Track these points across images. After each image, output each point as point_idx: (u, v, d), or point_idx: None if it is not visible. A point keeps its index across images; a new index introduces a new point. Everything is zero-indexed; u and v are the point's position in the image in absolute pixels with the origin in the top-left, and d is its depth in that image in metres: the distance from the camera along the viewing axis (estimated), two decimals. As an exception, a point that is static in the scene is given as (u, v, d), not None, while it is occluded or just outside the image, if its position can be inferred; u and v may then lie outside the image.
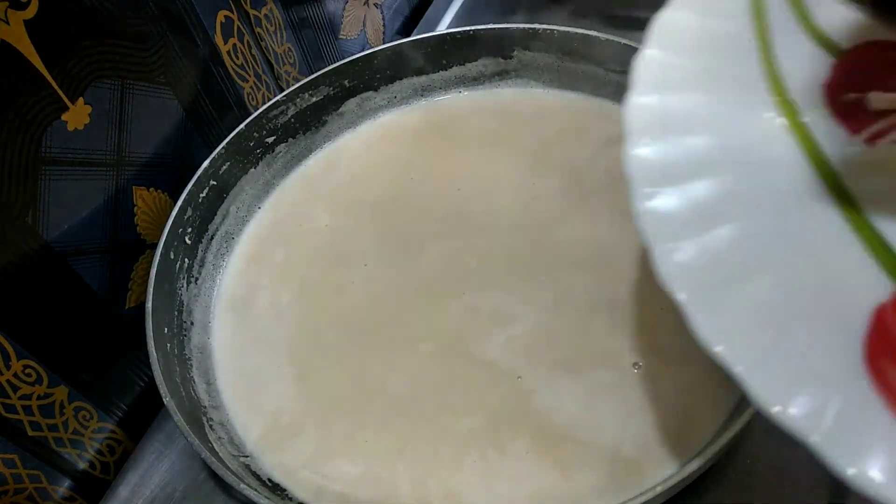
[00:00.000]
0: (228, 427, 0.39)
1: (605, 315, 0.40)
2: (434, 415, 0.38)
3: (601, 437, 0.36)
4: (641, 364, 0.38)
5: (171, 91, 0.47)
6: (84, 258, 0.42)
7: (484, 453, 0.36)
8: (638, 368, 0.38)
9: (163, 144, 0.47)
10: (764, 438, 0.37)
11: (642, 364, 0.38)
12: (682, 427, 0.36)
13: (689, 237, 0.24)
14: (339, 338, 0.42)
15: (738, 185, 0.25)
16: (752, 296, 0.23)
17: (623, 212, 0.43)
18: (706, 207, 0.24)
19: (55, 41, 0.38)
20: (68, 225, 0.41)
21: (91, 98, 0.41)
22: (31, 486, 0.41)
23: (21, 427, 0.39)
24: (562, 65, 0.49)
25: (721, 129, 0.26)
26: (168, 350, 0.40)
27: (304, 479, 0.37)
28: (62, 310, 0.41)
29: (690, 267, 0.23)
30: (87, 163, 0.42)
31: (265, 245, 0.47)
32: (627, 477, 0.34)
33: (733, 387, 0.35)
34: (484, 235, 0.44)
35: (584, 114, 0.49)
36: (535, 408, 0.37)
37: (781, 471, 0.36)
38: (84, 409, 0.43)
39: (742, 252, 0.24)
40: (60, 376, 0.41)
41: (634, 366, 0.38)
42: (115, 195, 0.44)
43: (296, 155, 0.50)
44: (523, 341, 0.39)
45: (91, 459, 0.44)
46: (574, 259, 0.42)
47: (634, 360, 0.38)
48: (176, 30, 0.47)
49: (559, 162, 0.47)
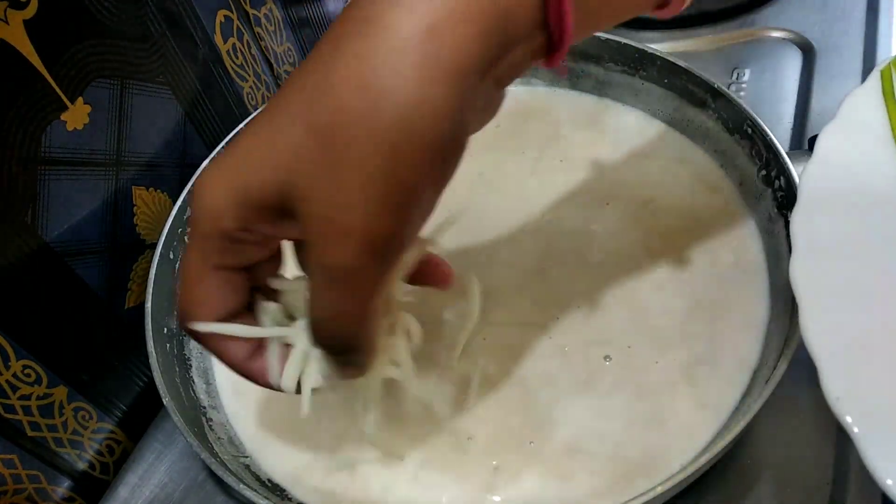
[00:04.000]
0: (228, 427, 0.40)
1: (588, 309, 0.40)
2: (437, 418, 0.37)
3: (602, 441, 0.36)
4: (612, 357, 0.38)
5: (171, 91, 0.47)
6: (83, 258, 0.42)
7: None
8: (609, 361, 0.38)
9: (162, 144, 0.47)
10: (764, 440, 0.37)
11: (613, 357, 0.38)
12: (681, 430, 0.36)
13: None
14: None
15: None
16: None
17: (625, 212, 0.44)
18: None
19: (54, 41, 0.38)
20: (68, 225, 0.41)
21: (90, 98, 0.41)
22: (30, 486, 0.41)
23: (20, 427, 0.39)
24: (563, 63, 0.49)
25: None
26: (167, 350, 0.40)
27: (304, 480, 0.37)
28: (61, 310, 0.41)
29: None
30: (87, 163, 0.42)
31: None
32: (627, 478, 0.35)
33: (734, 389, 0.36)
34: (490, 234, 0.44)
35: (587, 113, 0.49)
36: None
37: (781, 473, 0.36)
38: (83, 410, 0.43)
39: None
40: (60, 376, 0.41)
41: (606, 358, 0.38)
42: (115, 195, 0.44)
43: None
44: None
45: (90, 460, 0.44)
46: (577, 259, 0.42)
47: (606, 353, 0.38)
48: (175, 29, 0.47)
49: (562, 162, 0.47)
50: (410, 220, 0.23)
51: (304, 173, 0.23)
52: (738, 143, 0.42)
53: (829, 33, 0.56)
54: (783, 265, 0.38)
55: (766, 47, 0.57)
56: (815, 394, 0.38)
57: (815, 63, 0.54)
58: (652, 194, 0.44)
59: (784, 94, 0.53)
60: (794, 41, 0.56)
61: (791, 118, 0.52)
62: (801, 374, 0.38)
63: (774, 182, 0.40)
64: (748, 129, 0.41)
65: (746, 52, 0.57)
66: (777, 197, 0.40)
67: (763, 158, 0.40)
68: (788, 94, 0.53)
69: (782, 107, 0.52)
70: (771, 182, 0.40)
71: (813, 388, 0.38)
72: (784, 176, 0.39)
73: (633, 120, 0.48)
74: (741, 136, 0.42)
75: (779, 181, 0.39)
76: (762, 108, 0.51)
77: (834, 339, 0.27)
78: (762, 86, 0.54)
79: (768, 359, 0.36)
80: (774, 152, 0.39)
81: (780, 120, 0.52)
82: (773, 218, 0.40)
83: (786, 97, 0.53)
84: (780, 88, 0.54)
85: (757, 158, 0.41)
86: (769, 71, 0.55)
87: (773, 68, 0.55)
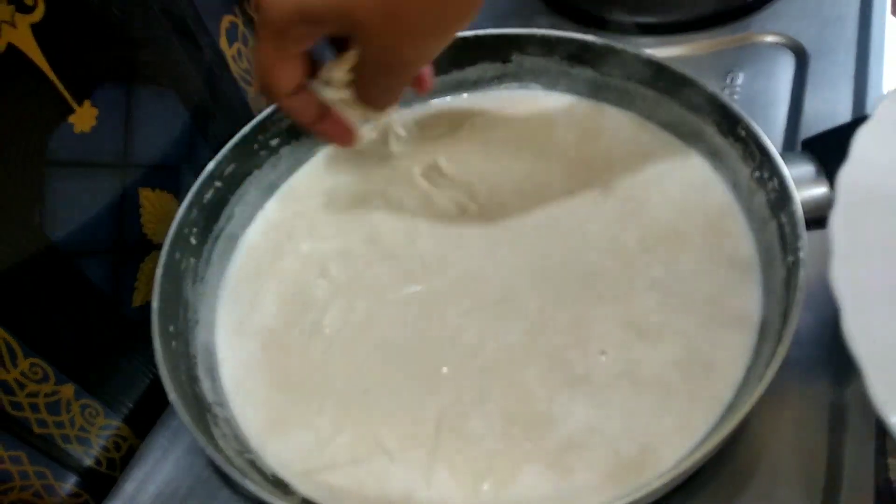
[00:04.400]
0: (233, 424, 0.40)
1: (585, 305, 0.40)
2: (438, 416, 0.38)
3: (599, 436, 0.36)
4: (608, 352, 0.38)
5: (177, 94, 0.47)
6: (90, 258, 0.43)
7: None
8: (605, 356, 0.38)
9: (168, 147, 0.47)
10: (758, 437, 0.38)
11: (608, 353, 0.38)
12: (676, 426, 0.36)
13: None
14: (343, 336, 0.42)
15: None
16: None
17: (630, 212, 0.44)
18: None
19: (61, 44, 0.38)
20: (75, 226, 0.41)
21: (97, 101, 0.41)
22: (37, 482, 0.41)
23: (28, 424, 0.40)
24: (559, 69, 0.49)
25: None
26: (173, 348, 0.40)
27: (309, 475, 0.37)
28: (69, 309, 0.42)
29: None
30: (94, 164, 0.42)
31: (269, 246, 0.47)
32: (623, 474, 0.35)
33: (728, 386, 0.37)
34: (484, 233, 0.45)
35: (583, 118, 0.49)
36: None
37: (775, 469, 0.37)
38: (90, 407, 0.44)
39: None
40: (67, 374, 0.42)
41: (602, 353, 0.38)
42: (121, 196, 0.44)
43: (300, 156, 0.51)
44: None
45: (97, 456, 0.45)
46: (572, 257, 0.43)
47: (601, 349, 0.39)
48: (181, 34, 0.47)
49: (560, 165, 0.47)
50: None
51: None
52: (732, 145, 0.43)
53: (823, 38, 0.56)
54: (776, 265, 0.39)
55: (759, 52, 0.57)
56: (809, 390, 0.38)
57: (808, 67, 0.54)
58: (646, 195, 0.45)
59: (777, 97, 0.53)
60: (788, 45, 0.57)
61: (784, 121, 0.52)
62: (795, 371, 0.39)
63: (767, 183, 0.40)
64: (742, 131, 0.41)
65: (740, 56, 0.57)
66: (770, 198, 0.40)
67: (756, 160, 0.41)
68: (782, 97, 0.53)
69: (775, 110, 0.53)
70: (764, 183, 0.40)
71: (806, 385, 0.39)
72: (777, 177, 0.39)
73: (627, 123, 0.48)
74: (735, 139, 0.42)
75: (772, 182, 0.39)
76: (756, 112, 0.51)
77: (877, 343, 0.26)
78: (756, 89, 0.54)
79: (762, 356, 0.36)
80: (768, 154, 0.39)
81: (774, 123, 0.52)
82: (765, 219, 0.40)
83: (779, 101, 0.53)
84: (774, 92, 0.54)
85: (750, 160, 0.41)
86: (763, 75, 0.55)
87: (766, 72, 0.55)
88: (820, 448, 0.37)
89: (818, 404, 0.38)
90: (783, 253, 0.38)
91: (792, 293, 0.35)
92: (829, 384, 0.39)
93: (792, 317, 0.34)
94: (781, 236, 0.38)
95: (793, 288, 0.35)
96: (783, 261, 0.38)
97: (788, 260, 0.37)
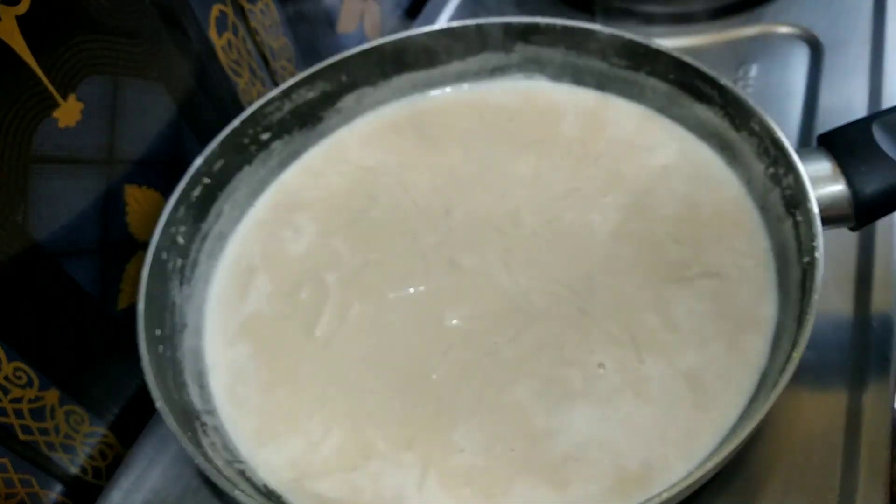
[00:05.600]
0: (222, 432, 0.39)
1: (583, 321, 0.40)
2: (436, 427, 0.37)
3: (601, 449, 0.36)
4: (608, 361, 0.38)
5: (165, 87, 0.47)
6: (75, 258, 0.42)
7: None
8: (604, 368, 0.38)
9: (156, 141, 0.47)
10: (770, 446, 0.37)
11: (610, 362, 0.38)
12: (684, 436, 0.35)
13: None
14: (335, 340, 0.41)
15: None
16: None
17: (630, 212, 0.43)
18: None
19: (47, 37, 0.38)
20: (59, 224, 0.41)
21: (83, 95, 0.41)
22: (22, 490, 0.41)
23: (12, 431, 0.39)
24: (565, 59, 0.49)
25: None
26: (160, 353, 0.39)
27: (300, 483, 0.37)
28: (53, 311, 0.41)
29: None
30: (79, 160, 0.41)
31: (259, 246, 0.47)
32: (627, 487, 0.34)
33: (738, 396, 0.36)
34: (488, 227, 0.44)
35: (589, 107, 0.49)
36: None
37: (787, 479, 0.36)
38: (75, 413, 0.43)
39: None
40: (51, 379, 0.41)
41: (600, 366, 0.38)
42: (107, 193, 0.44)
43: (292, 152, 0.50)
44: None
45: (83, 464, 0.44)
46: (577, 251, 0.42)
47: (603, 359, 0.38)
48: (169, 25, 0.46)
49: (565, 157, 0.47)
50: None
51: None
52: (746, 140, 0.42)
53: (837, 29, 0.56)
54: (791, 265, 0.38)
55: (773, 43, 0.57)
56: (824, 396, 0.38)
57: (822, 59, 0.54)
58: (655, 190, 0.44)
59: (792, 90, 0.53)
60: (802, 37, 0.56)
61: (799, 115, 0.52)
62: (809, 377, 0.38)
63: (782, 180, 0.39)
64: (755, 126, 0.41)
65: (753, 47, 0.57)
66: (785, 195, 0.39)
67: (770, 156, 0.40)
68: (796, 90, 0.53)
69: (790, 103, 0.52)
70: (779, 180, 0.40)
71: (821, 391, 0.38)
72: (792, 174, 0.38)
73: (635, 115, 0.48)
74: (748, 133, 0.42)
75: (787, 179, 0.39)
76: (769, 105, 0.51)
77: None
78: (769, 82, 0.54)
79: (776, 361, 0.36)
80: (782, 150, 0.39)
81: (788, 116, 0.52)
82: (781, 217, 0.40)
83: (793, 93, 0.53)
84: (788, 85, 0.54)
85: (764, 156, 0.41)
86: (776, 67, 0.55)
87: (780, 64, 0.55)
88: (834, 457, 0.37)
89: (833, 410, 0.38)
90: (798, 253, 0.38)
91: (807, 295, 0.34)
92: (844, 390, 0.39)
93: (807, 320, 0.33)
94: (797, 235, 0.38)
95: (808, 290, 0.35)
96: (798, 261, 0.37)
97: (804, 260, 0.36)
